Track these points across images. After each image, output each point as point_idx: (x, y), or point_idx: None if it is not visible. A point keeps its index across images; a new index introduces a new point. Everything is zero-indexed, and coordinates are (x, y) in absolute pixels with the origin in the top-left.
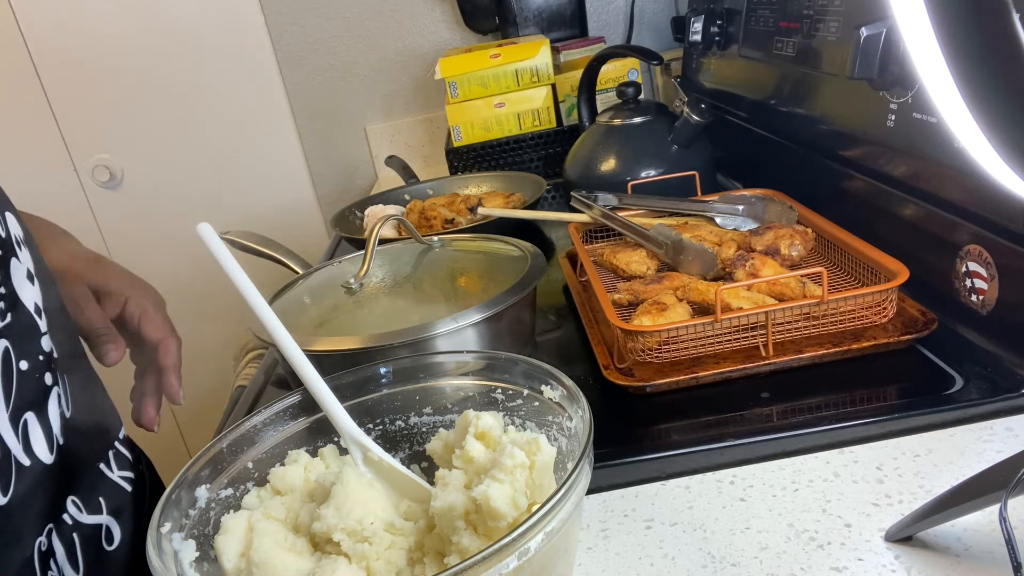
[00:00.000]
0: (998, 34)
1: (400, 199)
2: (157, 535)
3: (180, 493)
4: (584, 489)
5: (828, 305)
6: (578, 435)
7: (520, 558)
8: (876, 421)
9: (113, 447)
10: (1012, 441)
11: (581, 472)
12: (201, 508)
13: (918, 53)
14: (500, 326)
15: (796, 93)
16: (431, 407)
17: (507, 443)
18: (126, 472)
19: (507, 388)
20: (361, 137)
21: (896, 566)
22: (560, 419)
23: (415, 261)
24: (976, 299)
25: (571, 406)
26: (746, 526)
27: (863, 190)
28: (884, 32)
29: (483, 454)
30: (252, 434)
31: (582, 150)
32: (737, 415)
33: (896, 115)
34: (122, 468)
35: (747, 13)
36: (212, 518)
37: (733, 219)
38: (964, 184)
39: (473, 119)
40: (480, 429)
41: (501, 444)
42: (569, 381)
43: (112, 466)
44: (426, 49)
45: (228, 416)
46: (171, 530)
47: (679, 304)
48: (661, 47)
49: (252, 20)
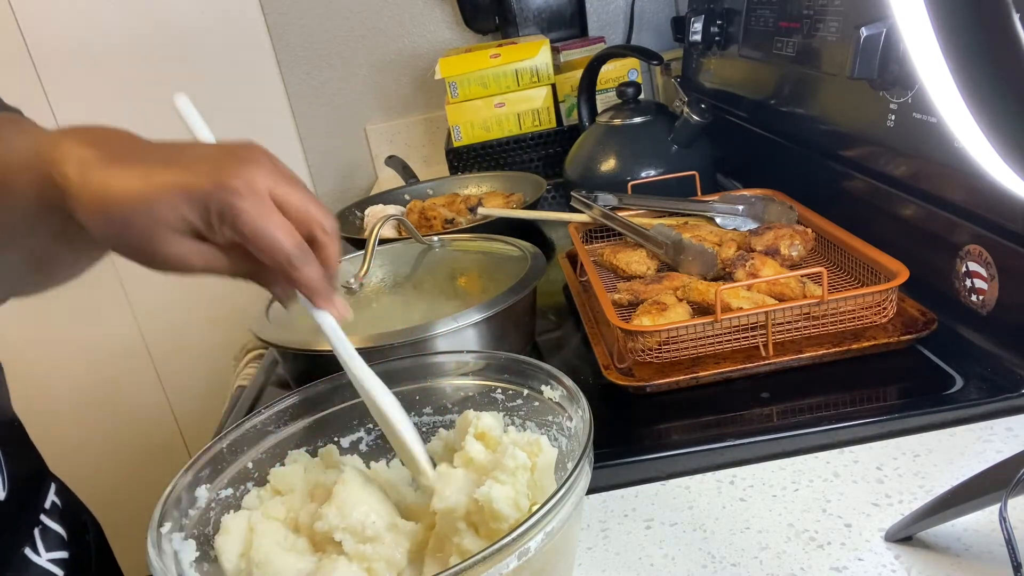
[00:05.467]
0: (998, 34)
1: (400, 199)
2: (157, 535)
3: (180, 493)
4: (584, 489)
5: (828, 305)
6: (578, 435)
7: (520, 558)
8: (876, 421)
9: (39, 522)
10: (1012, 441)
11: (581, 472)
12: (201, 508)
13: (918, 53)
14: (500, 326)
15: (796, 93)
16: (431, 407)
17: (508, 444)
18: (57, 553)
19: (507, 388)
20: (361, 137)
21: (896, 566)
22: (560, 419)
23: (415, 261)
24: (976, 299)
25: (571, 406)
26: (746, 526)
27: (863, 190)
28: (884, 32)
29: (483, 454)
30: (252, 434)
31: (582, 150)
32: (737, 415)
33: (896, 115)
34: (51, 548)
35: (747, 13)
36: (212, 518)
37: (733, 219)
38: (964, 184)
39: (473, 119)
40: (480, 429)
41: (502, 445)
42: (569, 381)
43: (39, 548)
44: (426, 49)
45: (228, 416)
46: (171, 530)
47: (679, 304)
48: (661, 47)
49: (252, 20)
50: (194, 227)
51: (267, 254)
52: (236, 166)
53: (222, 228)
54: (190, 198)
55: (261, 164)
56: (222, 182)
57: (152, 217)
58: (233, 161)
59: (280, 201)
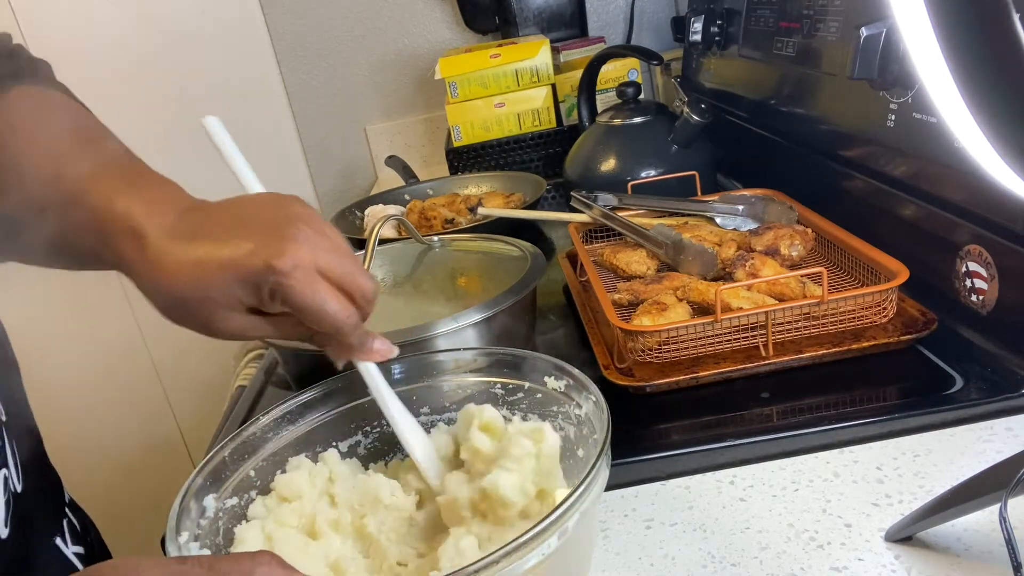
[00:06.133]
0: (998, 34)
1: (400, 199)
2: (177, 544)
3: (190, 503)
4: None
5: (828, 305)
6: (591, 419)
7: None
8: (876, 421)
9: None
10: (1012, 441)
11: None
12: (210, 518)
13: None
14: (500, 326)
15: (796, 93)
16: (428, 407)
17: (513, 432)
18: (77, 547)
19: (507, 383)
20: (361, 137)
21: (896, 566)
22: (566, 408)
23: (415, 261)
24: (976, 299)
25: (579, 394)
26: (746, 526)
27: (863, 190)
28: (884, 32)
29: (489, 445)
30: (252, 442)
31: (582, 150)
32: (737, 415)
33: (896, 115)
34: (75, 542)
35: (747, 13)
36: (221, 528)
37: (733, 219)
38: (964, 184)
39: (473, 119)
40: (484, 421)
41: (508, 434)
42: (575, 370)
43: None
44: (426, 49)
45: (228, 416)
46: (188, 540)
47: (679, 304)
48: (661, 47)
49: (252, 20)
50: (249, 304)
51: (318, 325)
52: (283, 243)
53: (274, 304)
54: (243, 280)
55: (306, 238)
56: (271, 264)
57: (208, 299)
58: (279, 238)
59: (325, 271)
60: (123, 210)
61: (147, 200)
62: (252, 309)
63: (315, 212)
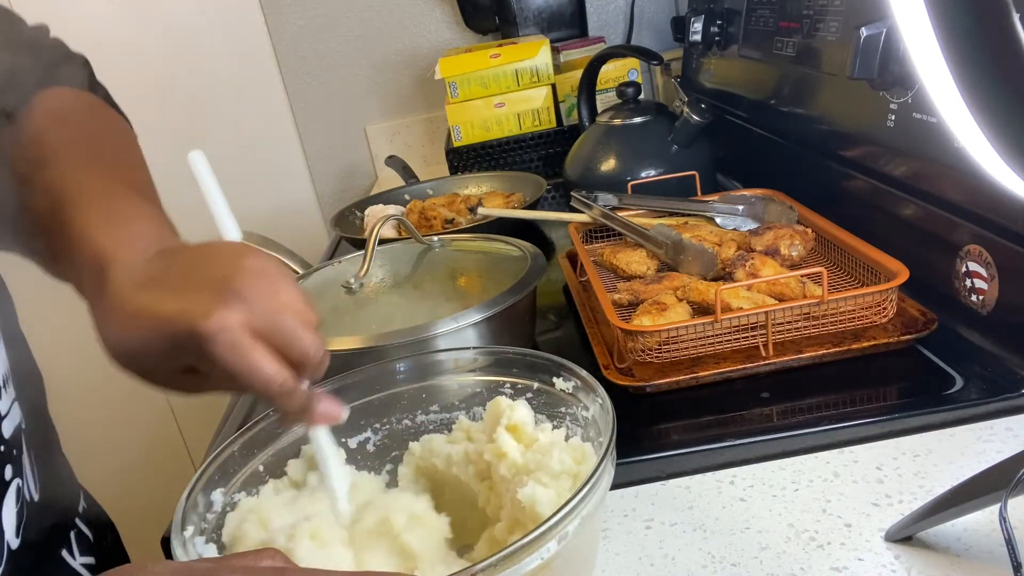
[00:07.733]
0: (998, 34)
1: (400, 199)
2: (182, 538)
3: (197, 496)
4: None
5: (828, 305)
6: (597, 421)
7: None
8: (876, 421)
9: (75, 526)
10: (1012, 441)
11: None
12: (217, 512)
13: (918, 53)
14: (500, 326)
15: (796, 93)
16: (438, 405)
17: (548, 444)
18: (86, 558)
19: (516, 383)
20: (361, 137)
21: (896, 566)
22: (575, 409)
23: (415, 261)
24: (976, 299)
25: (586, 396)
26: (746, 526)
27: (863, 190)
28: (884, 32)
29: (518, 451)
30: (262, 436)
31: (582, 150)
32: (737, 415)
33: (896, 115)
34: (83, 553)
35: (747, 13)
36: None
37: (733, 219)
38: (964, 184)
39: (473, 119)
40: (513, 421)
41: (539, 443)
42: (583, 371)
43: (74, 551)
44: (426, 49)
45: (228, 416)
46: (193, 534)
47: (679, 304)
48: (661, 47)
49: (252, 20)
50: (184, 363)
51: (251, 390)
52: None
53: (203, 365)
54: (170, 340)
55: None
56: (195, 327)
57: (142, 353)
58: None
59: (263, 332)
60: (98, 244)
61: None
62: (191, 368)
63: (273, 266)
